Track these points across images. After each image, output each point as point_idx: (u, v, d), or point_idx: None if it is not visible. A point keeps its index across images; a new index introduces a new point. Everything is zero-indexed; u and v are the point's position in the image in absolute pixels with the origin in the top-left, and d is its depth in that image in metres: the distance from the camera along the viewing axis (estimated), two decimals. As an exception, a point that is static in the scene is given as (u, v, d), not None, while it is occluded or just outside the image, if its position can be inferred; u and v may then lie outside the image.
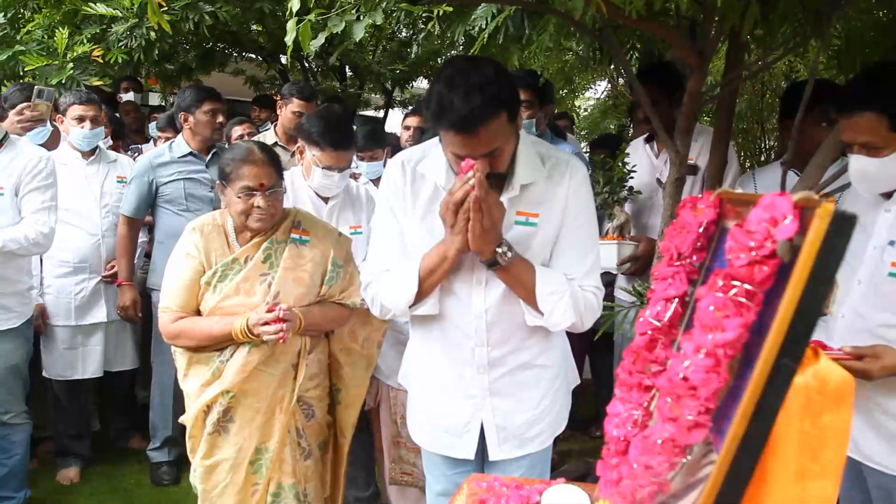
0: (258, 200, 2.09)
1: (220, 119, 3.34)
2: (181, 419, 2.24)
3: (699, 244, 1.11)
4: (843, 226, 0.77)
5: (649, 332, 1.13)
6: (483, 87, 1.54)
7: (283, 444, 2.22)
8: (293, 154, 3.62)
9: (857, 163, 1.72)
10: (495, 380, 1.84)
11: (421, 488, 2.82)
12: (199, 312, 2.17)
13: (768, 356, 0.80)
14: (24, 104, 2.99)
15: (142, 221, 3.38)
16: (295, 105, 3.67)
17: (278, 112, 3.90)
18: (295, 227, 2.23)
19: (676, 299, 1.12)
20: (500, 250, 1.66)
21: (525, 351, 1.83)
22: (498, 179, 1.70)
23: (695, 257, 1.11)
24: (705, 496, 0.85)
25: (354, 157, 3.51)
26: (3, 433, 2.79)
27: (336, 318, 2.30)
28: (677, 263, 1.12)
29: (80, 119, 3.24)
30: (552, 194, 1.75)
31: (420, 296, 1.76)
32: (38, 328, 3.10)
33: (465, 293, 1.79)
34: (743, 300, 0.84)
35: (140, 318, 3.35)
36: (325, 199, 2.74)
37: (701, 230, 1.10)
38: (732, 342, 0.85)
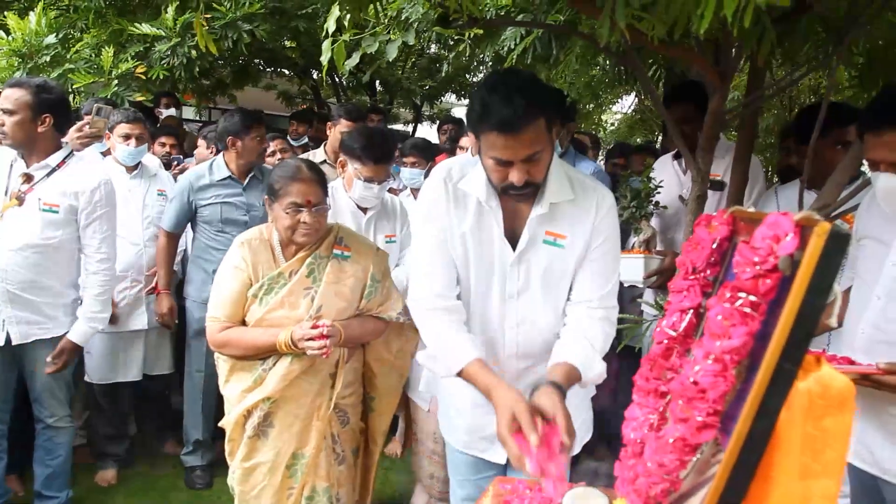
0: (304, 216, 2.18)
1: (265, 144, 3.46)
2: (221, 423, 2.32)
3: (713, 259, 1.19)
4: (838, 243, 0.84)
5: (665, 341, 1.20)
6: (524, 91, 1.60)
7: (319, 450, 2.30)
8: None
9: (885, 181, 1.73)
10: (522, 392, 1.90)
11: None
12: (244, 322, 2.26)
13: (771, 360, 0.87)
14: (84, 121, 3.14)
15: (181, 235, 3.52)
16: (343, 125, 3.83)
17: (328, 132, 4.06)
18: (337, 244, 2.31)
19: (691, 311, 1.19)
20: None
21: (547, 362, 1.90)
22: (531, 191, 1.73)
23: (709, 271, 1.19)
24: (713, 490, 0.93)
25: (402, 166, 3.71)
26: (49, 435, 2.93)
27: (373, 330, 2.38)
28: (692, 277, 1.19)
29: (127, 137, 3.40)
30: (580, 220, 1.79)
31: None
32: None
33: (499, 309, 1.84)
34: (748, 310, 0.92)
35: (174, 325, 3.48)
36: (364, 210, 2.93)
37: (714, 246, 1.18)
38: (738, 348, 0.92)
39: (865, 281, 1.83)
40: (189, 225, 3.47)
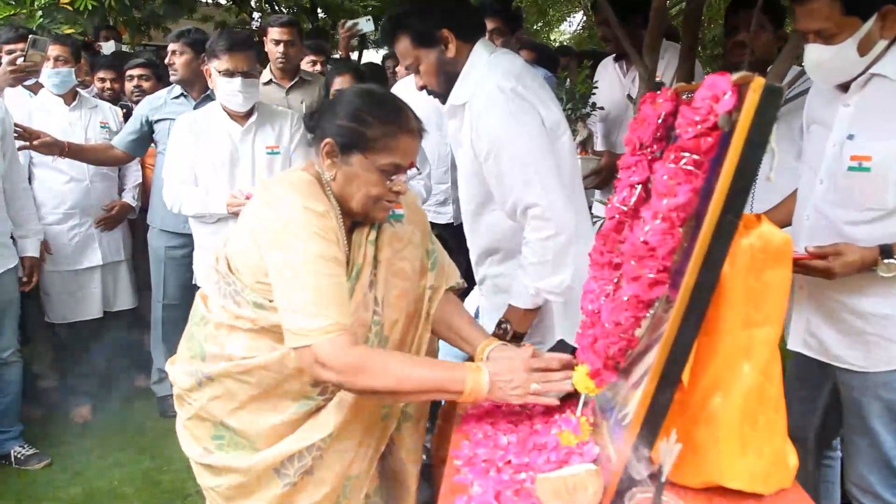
0: (399, 184, 1.46)
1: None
2: (198, 481, 1.63)
3: (659, 134, 1.23)
4: (772, 96, 0.89)
5: (616, 216, 1.26)
6: (391, 15, 1.87)
7: (371, 466, 1.62)
8: (288, 91, 3.63)
9: (812, 52, 1.70)
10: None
11: None
12: None
13: (714, 211, 0.93)
14: (17, 54, 2.97)
15: (126, 157, 3.37)
16: (275, 34, 3.59)
17: (266, 49, 3.83)
18: None
19: (640, 185, 1.24)
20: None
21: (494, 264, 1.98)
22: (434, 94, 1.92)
23: (655, 146, 1.24)
24: (665, 339, 1.00)
25: None
26: None
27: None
28: (639, 153, 1.24)
29: (52, 58, 3.23)
30: (465, 121, 1.83)
31: None
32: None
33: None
34: (691, 168, 0.97)
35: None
36: (241, 123, 2.80)
37: (660, 121, 1.22)
38: (684, 205, 0.98)
39: (812, 167, 1.83)
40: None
